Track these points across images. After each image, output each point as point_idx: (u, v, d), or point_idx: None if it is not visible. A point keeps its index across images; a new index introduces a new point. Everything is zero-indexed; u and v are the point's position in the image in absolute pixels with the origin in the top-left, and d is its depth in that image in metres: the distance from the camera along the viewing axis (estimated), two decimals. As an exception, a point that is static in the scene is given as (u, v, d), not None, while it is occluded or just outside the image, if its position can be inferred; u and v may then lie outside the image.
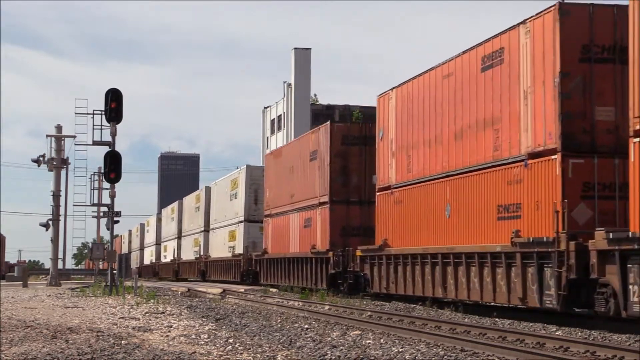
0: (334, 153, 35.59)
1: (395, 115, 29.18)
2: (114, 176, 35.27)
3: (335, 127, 35.76)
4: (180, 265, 73.04)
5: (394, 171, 29.14)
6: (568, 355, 14.00)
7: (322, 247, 35.76)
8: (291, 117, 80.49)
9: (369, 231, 35.11)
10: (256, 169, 52.58)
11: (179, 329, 18.18)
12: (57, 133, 49.13)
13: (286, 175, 42.11)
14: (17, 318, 20.83)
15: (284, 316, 22.60)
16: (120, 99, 35.24)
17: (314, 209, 37.33)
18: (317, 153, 37.21)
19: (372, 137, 35.35)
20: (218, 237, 58.33)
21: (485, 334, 17.47)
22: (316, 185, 37.13)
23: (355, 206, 35.52)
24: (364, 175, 35.59)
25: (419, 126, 27.23)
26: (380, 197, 30.33)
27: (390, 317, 22.29)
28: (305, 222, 38.53)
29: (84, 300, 30.75)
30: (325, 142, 36.12)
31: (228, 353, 13.99)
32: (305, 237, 38.34)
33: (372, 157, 35.20)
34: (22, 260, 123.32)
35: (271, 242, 44.34)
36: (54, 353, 13.50)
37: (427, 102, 26.74)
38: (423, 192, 26.81)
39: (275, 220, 43.75)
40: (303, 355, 13.95)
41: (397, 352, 14.33)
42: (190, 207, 70.34)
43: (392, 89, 29.50)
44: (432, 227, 25.98)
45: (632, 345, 15.75)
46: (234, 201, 53.97)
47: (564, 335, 17.56)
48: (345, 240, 35.17)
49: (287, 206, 41.51)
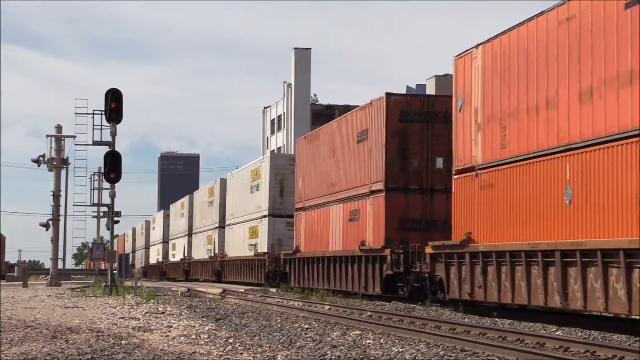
0: (391, 132, 29.79)
1: (481, 78, 23.40)
2: (114, 176, 34.94)
3: (392, 100, 29.91)
4: (191, 265, 67.18)
5: (479, 148, 23.37)
6: (568, 355, 13.87)
7: (375, 244, 29.97)
8: (291, 117, 79.81)
9: (431, 225, 29.47)
10: (281, 157, 46.83)
11: (179, 329, 18.08)
12: (57, 133, 48.93)
13: (325, 161, 36.29)
14: (17, 318, 20.69)
15: (284, 316, 22.47)
16: (120, 99, 34.90)
17: (362, 199, 31.55)
18: (368, 132, 31.40)
19: (435, 112, 29.75)
20: (236, 234, 52.43)
21: (485, 334, 17.27)
22: (366, 170, 31.33)
23: (415, 195, 29.74)
24: (425, 158, 29.86)
25: (521, 88, 21.44)
26: (459, 181, 24.55)
27: (390, 317, 22.01)
28: (351, 215, 32.73)
29: (84, 300, 30.50)
30: (378, 118, 30.31)
31: (228, 353, 13.93)
32: (351, 232, 32.55)
33: (436, 136, 29.65)
34: (22, 260, 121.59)
35: (304, 238, 38.52)
36: (54, 353, 13.44)
37: (533, 57, 20.93)
38: (527, 173, 21.02)
39: (310, 213, 37.94)
40: (303, 355, 13.88)
41: (397, 352, 14.22)
42: (202, 202, 64.46)
43: (476, 45, 23.73)
44: (543, 217, 20.16)
45: (632, 345, 15.55)
46: (256, 194, 48.09)
47: (564, 335, 17.37)
48: (403, 235, 29.42)
49: (325, 197, 35.70)
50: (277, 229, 44.95)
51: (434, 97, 29.97)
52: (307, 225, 38.26)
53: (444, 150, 29.76)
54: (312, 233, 37.39)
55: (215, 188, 59.50)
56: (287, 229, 44.54)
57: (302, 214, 39.05)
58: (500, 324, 20.35)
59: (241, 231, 50.78)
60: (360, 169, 31.90)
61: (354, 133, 32.74)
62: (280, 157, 46.69)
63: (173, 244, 77.08)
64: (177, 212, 75.63)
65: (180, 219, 73.26)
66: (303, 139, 40.15)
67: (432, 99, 30.07)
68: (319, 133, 37.86)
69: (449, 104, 29.74)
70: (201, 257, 62.98)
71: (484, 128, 23.18)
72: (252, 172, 49.37)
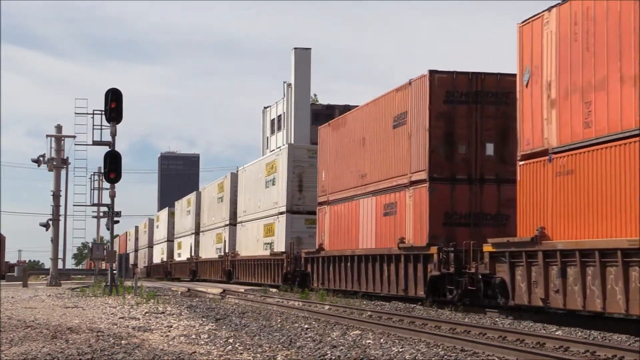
0: (435, 114, 26.37)
1: (555, 46, 19.93)
2: (114, 176, 34.84)
3: (436, 78, 26.44)
4: (198, 265, 63.69)
5: (554, 128, 19.91)
6: (568, 355, 13.79)
7: (417, 241, 26.53)
8: (291, 117, 79.19)
9: (481, 220, 26.25)
10: (300, 149, 43.15)
11: (179, 329, 18.10)
12: (57, 133, 48.91)
13: (353, 150, 32.83)
14: (17, 318, 20.73)
15: (284, 316, 22.42)
16: (120, 99, 34.80)
17: (400, 190, 28.11)
18: (407, 116, 27.96)
19: (485, 92, 26.37)
20: (249, 231, 48.92)
21: (485, 334, 17.22)
22: (404, 159, 27.89)
23: (463, 185, 26.34)
24: (474, 144, 26.46)
25: (611, 55, 17.98)
26: (527, 168, 21.05)
27: (390, 317, 21.95)
28: (386, 209, 29.30)
29: (84, 300, 30.43)
30: (421, 99, 26.86)
31: (228, 353, 13.87)
32: (386, 228, 29.13)
33: (485, 119, 26.29)
34: (22, 260, 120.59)
35: (329, 235, 35.07)
36: (54, 353, 13.41)
37: (627, 17, 17.48)
38: (619, 156, 17.58)
39: (335, 208, 34.50)
40: (303, 355, 13.80)
41: (397, 352, 14.15)
42: (211, 198, 60.92)
43: (549, 9, 20.26)
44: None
45: (632, 345, 15.50)
46: (271, 189, 44.58)
47: (564, 335, 17.28)
48: (449, 231, 26.07)
49: (355, 189, 32.27)
50: (296, 226, 41.45)
51: (483, 74, 26.46)
52: (332, 221, 34.81)
53: (495, 135, 26.49)
54: (339, 229, 33.95)
55: (225, 183, 55.98)
56: (306, 227, 41.09)
57: (326, 208, 35.61)
58: (500, 324, 20.18)
59: (255, 229, 47.27)
60: (398, 158, 28.47)
61: (390, 117, 29.30)
62: (299, 149, 43.06)
63: (179, 242, 73.56)
64: (183, 210, 72.11)
65: (187, 217, 69.77)
66: (327, 127, 36.62)
67: (481, 77, 26.58)
68: (345, 119, 34.36)
69: (502, 82, 26.52)
70: (210, 257, 59.50)
71: (559, 104, 19.72)
72: (267, 165, 45.85)
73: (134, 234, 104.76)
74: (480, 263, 22.80)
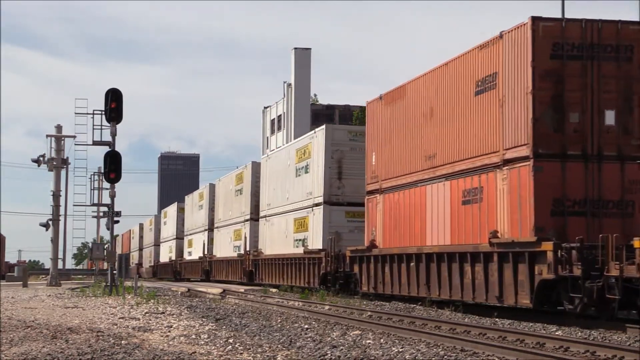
0: (540, 73, 20.75)
1: None
2: (114, 176, 35.02)
3: (540, 27, 20.77)
4: (213, 264, 58.01)
5: None
6: (568, 355, 13.67)
7: (515, 234, 20.92)
8: (291, 117, 79.22)
9: (601, 207, 20.59)
10: (339, 131, 37.36)
11: (179, 329, 17.95)
12: (57, 133, 49.31)
13: (416, 127, 27.17)
14: (17, 318, 20.74)
15: (284, 316, 22.27)
16: (120, 99, 34.95)
17: (488, 172, 22.54)
18: (496, 78, 22.33)
19: (603, 45, 20.78)
20: (275, 227, 43.19)
21: (485, 334, 17.00)
22: (494, 132, 22.31)
23: (577, 164, 20.80)
24: (589, 112, 20.84)
25: None
26: None
27: (390, 317, 21.77)
28: (466, 196, 23.68)
29: (84, 300, 30.48)
30: (519, 55, 21.22)
31: (228, 353, 13.80)
32: (467, 220, 23.53)
33: (604, 79, 20.78)
34: (22, 260, 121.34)
35: (383, 229, 29.41)
36: (54, 353, 13.39)
37: None
38: None
39: (392, 197, 28.84)
40: (303, 355, 13.73)
41: (397, 352, 14.04)
42: (227, 191, 55.15)
43: None
44: None
45: (632, 345, 15.23)
46: (304, 177, 38.85)
47: (564, 335, 16.99)
48: (559, 222, 20.52)
49: (419, 174, 26.65)
50: (335, 219, 35.75)
51: (600, 22, 20.82)
52: (387, 213, 29.15)
53: (616, 100, 20.92)
54: (396, 222, 28.31)
55: (245, 174, 50.21)
56: (347, 220, 35.53)
57: (378, 197, 29.95)
58: (500, 324, 20.05)
59: (283, 224, 41.55)
60: (483, 132, 22.89)
61: (471, 82, 23.68)
62: (338, 130, 37.15)
63: (189, 240, 67.88)
64: (195, 204, 66.39)
65: (199, 212, 64.07)
66: (378, 100, 30.83)
67: (597, 25, 20.94)
68: (404, 89, 28.57)
69: (623, 32, 20.87)
70: (226, 255, 53.82)
71: None
72: (298, 150, 40.10)
73: (137, 232, 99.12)
74: (629, 263, 17.10)
